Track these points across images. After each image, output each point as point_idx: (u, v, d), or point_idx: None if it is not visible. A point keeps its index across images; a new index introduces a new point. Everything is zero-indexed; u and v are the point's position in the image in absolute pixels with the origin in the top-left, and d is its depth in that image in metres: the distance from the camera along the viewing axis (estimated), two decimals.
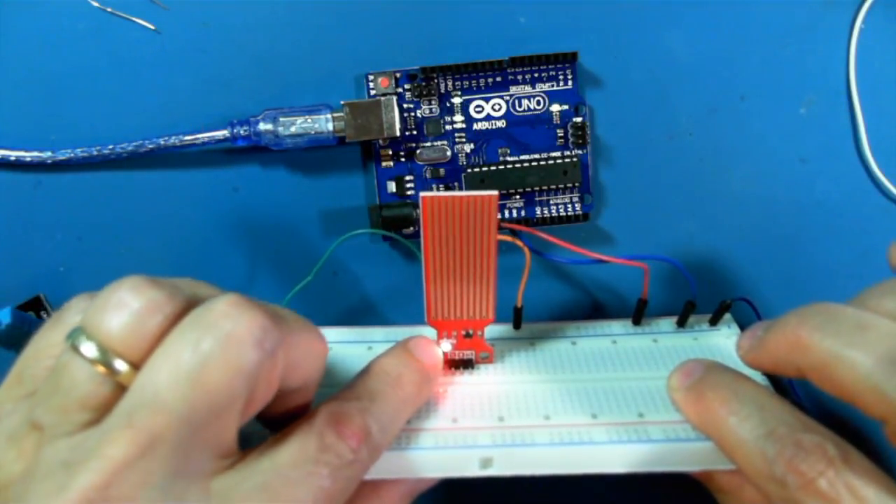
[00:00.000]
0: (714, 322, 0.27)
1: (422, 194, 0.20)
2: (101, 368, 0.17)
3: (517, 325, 0.27)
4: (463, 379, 0.25)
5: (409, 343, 0.23)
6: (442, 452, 0.21)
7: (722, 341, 0.26)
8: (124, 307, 0.17)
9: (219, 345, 0.16)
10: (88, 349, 0.17)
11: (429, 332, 0.24)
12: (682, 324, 0.27)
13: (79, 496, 0.15)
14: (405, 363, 0.22)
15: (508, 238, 0.25)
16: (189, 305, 0.18)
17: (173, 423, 0.16)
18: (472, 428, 0.22)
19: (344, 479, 0.18)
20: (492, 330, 0.27)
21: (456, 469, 0.21)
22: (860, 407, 0.18)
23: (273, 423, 0.20)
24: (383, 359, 0.22)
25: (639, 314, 0.27)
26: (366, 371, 0.22)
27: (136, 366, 0.17)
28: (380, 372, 0.22)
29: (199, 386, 0.16)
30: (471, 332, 0.24)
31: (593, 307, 0.30)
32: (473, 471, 0.21)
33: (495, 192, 0.20)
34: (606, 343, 0.26)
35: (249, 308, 0.17)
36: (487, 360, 0.25)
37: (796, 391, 0.27)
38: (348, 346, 0.27)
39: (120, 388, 0.17)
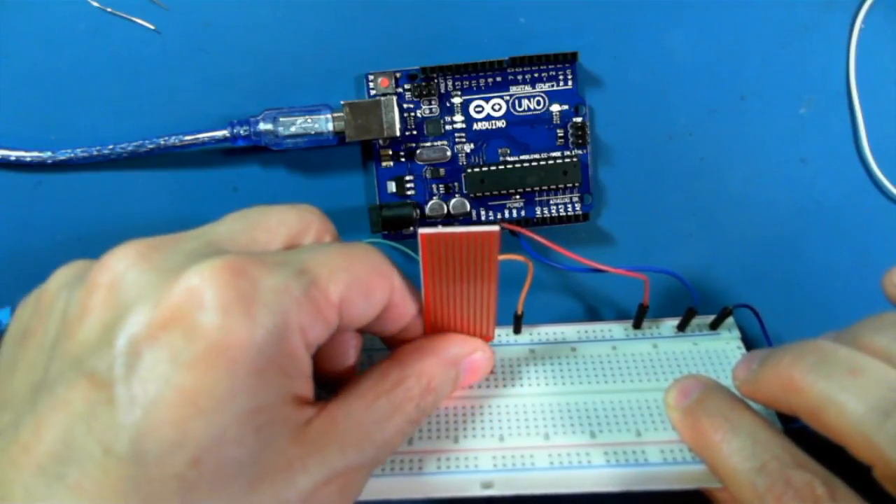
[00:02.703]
0: (715, 326, 0.27)
1: (420, 231, 0.20)
2: None
3: (517, 330, 0.27)
4: (463, 393, 0.25)
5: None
6: (445, 477, 0.22)
7: (721, 346, 0.26)
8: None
9: (374, 254, 0.20)
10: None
11: None
12: (682, 328, 0.27)
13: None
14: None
15: (513, 256, 0.25)
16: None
17: (343, 283, 0.19)
18: (474, 450, 0.23)
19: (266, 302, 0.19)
20: None
21: (459, 490, 0.22)
22: (849, 449, 0.18)
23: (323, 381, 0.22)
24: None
25: (640, 319, 0.27)
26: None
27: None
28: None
29: (359, 263, 0.19)
30: None
31: (593, 311, 0.30)
32: (475, 491, 0.22)
33: (496, 228, 0.20)
34: (606, 349, 0.26)
35: None
36: None
37: None
38: None
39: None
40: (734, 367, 0.23)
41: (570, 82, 0.29)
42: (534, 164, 0.28)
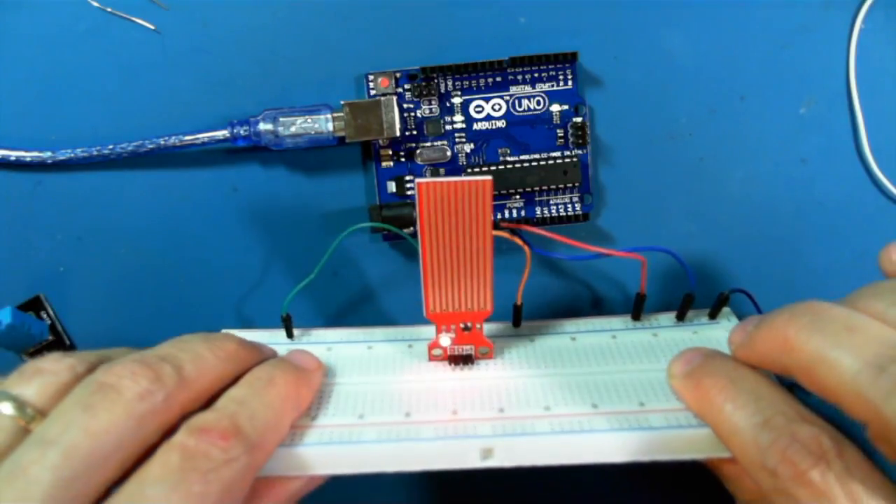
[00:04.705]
0: (713, 315, 0.27)
1: (417, 181, 0.21)
2: (19, 422, 0.18)
3: (517, 323, 0.27)
4: (462, 375, 0.25)
5: (284, 354, 0.24)
6: (442, 443, 0.21)
7: (721, 334, 0.26)
8: (39, 370, 0.19)
9: (101, 396, 0.18)
10: (4, 407, 0.19)
11: (428, 329, 0.24)
12: (681, 318, 0.27)
13: None
14: (276, 365, 0.22)
15: (508, 235, 0.25)
16: (99, 364, 0.20)
17: (56, 461, 0.17)
18: (473, 419, 0.22)
19: (221, 481, 0.18)
20: (491, 328, 0.27)
21: (456, 460, 0.21)
22: (843, 408, 0.18)
23: None
24: (255, 368, 0.22)
25: (638, 309, 0.27)
26: (234, 384, 0.22)
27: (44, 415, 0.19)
28: (250, 379, 0.22)
29: (85, 430, 0.18)
30: (469, 325, 0.24)
31: (593, 303, 0.30)
32: (474, 462, 0.21)
33: (489, 178, 0.21)
34: (606, 338, 0.27)
35: (136, 365, 0.19)
36: (487, 355, 0.25)
37: None
38: (349, 346, 0.27)
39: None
40: (730, 333, 0.22)
41: (570, 82, 0.29)
42: (534, 164, 0.28)
